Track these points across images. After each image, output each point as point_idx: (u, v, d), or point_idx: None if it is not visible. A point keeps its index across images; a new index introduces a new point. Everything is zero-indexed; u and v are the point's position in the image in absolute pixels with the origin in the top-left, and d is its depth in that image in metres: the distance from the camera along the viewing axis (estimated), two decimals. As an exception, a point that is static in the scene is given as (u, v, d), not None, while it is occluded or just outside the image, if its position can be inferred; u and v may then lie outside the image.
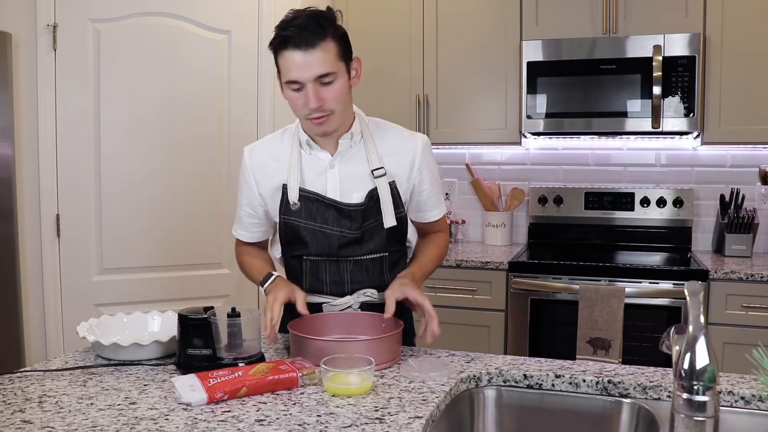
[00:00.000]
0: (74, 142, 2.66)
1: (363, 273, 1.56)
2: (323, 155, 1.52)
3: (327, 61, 1.37)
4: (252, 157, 1.59)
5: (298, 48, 1.35)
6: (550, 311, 2.69)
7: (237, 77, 2.88)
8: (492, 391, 1.31)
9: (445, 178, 3.44)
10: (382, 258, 1.57)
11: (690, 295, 0.94)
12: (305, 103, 1.39)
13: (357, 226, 1.52)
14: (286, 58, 1.37)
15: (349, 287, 1.56)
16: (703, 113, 2.74)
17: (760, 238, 2.97)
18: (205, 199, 2.85)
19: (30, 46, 2.57)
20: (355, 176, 1.52)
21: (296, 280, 1.59)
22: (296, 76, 1.37)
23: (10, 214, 2.51)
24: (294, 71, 1.37)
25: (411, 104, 3.15)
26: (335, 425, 1.04)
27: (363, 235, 1.53)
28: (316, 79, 1.37)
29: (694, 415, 0.91)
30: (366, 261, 1.55)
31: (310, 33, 1.35)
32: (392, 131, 1.58)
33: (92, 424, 1.05)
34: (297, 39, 1.35)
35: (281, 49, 1.38)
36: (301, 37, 1.35)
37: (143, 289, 2.79)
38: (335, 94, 1.40)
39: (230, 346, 1.29)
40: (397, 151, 1.54)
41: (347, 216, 1.50)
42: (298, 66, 1.36)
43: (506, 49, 2.99)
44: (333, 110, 1.42)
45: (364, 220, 1.52)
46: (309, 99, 1.38)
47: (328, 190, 1.52)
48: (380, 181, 1.51)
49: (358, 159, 1.52)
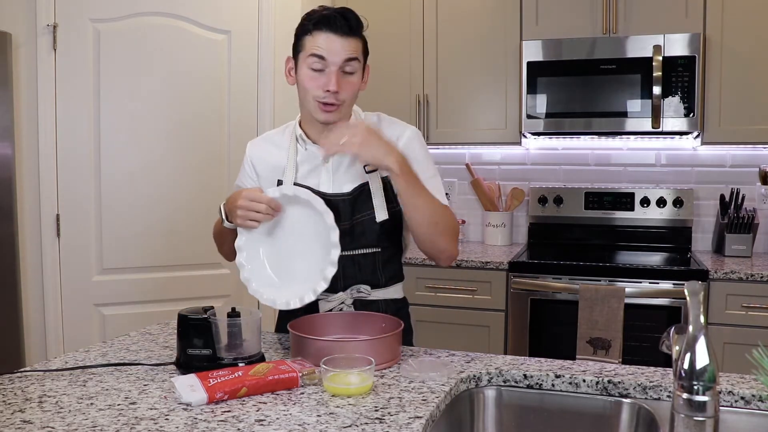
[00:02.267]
0: (74, 142, 2.66)
1: (355, 268, 1.55)
2: (318, 150, 1.52)
3: (357, 50, 1.44)
4: (253, 150, 1.63)
5: (336, 32, 1.40)
6: (550, 311, 2.69)
7: (237, 77, 2.88)
8: (492, 391, 1.30)
9: (445, 178, 3.44)
10: (375, 254, 1.56)
11: (690, 295, 0.93)
12: (324, 84, 1.42)
13: (346, 218, 1.51)
14: (320, 37, 1.41)
15: (342, 283, 1.55)
16: (703, 113, 2.74)
17: (760, 238, 2.97)
18: (205, 199, 2.85)
19: (30, 46, 2.57)
20: (347, 171, 1.53)
21: None
22: (325, 55, 1.41)
23: (10, 214, 2.51)
24: (326, 50, 1.41)
25: (411, 104, 3.15)
26: (335, 425, 1.04)
27: (353, 228, 1.52)
28: (342, 64, 1.41)
29: (694, 415, 0.91)
30: (358, 256, 1.55)
31: (350, 22, 1.42)
32: (385, 125, 1.58)
33: (92, 424, 1.05)
34: (338, 23, 1.40)
35: (318, 28, 1.41)
36: (344, 21, 1.41)
37: (143, 289, 2.79)
38: (352, 86, 1.45)
39: (230, 346, 1.29)
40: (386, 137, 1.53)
41: (335, 208, 1.49)
42: (331, 47, 1.40)
43: (506, 49, 2.99)
44: (344, 101, 1.45)
45: (354, 212, 1.52)
46: (330, 81, 1.41)
47: (321, 185, 1.53)
48: (372, 175, 1.52)
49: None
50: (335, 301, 1.55)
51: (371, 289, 1.57)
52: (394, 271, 1.62)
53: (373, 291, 1.57)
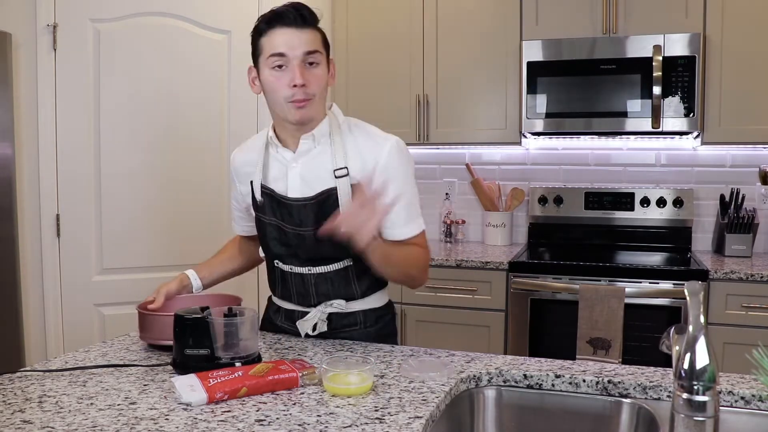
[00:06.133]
0: (74, 142, 2.66)
1: (328, 285, 1.51)
2: (287, 153, 1.50)
3: (316, 41, 1.41)
4: (234, 158, 1.64)
5: (291, 25, 1.38)
6: (550, 311, 2.69)
7: (237, 77, 2.87)
8: (492, 391, 1.30)
9: (445, 178, 3.44)
10: (348, 268, 1.50)
11: (690, 295, 0.93)
12: (290, 81, 1.38)
13: (309, 223, 1.46)
14: (276, 34, 1.39)
15: (315, 299, 1.53)
16: (703, 113, 2.74)
17: (760, 238, 2.97)
18: (204, 199, 2.85)
19: (30, 46, 2.57)
20: (316, 175, 1.46)
21: (272, 283, 1.63)
22: (286, 51, 1.38)
23: (10, 214, 2.51)
24: (284, 46, 1.38)
25: (411, 104, 3.15)
26: (335, 425, 1.04)
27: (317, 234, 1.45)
28: (304, 57, 1.38)
29: (694, 415, 0.91)
30: (330, 273, 1.50)
31: (302, 14, 1.39)
32: (362, 132, 1.50)
33: (92, 424, 1.05)
34: (291, 16, 1.38)
35: (271, 26, 1.39)
36: (298, 13, 1.39)
37: (143, 289, 2.77)
38: (318, 78, 1.41)
39: (227, 346, 1.29)
40: (362, 153, 1.46)
41: (297, 212, 1.47)
42: (288, 41, 1.38)
43: (506, 49, 2.99)
44: (314, 94, 1.41)
45: (318, 218, 1.43)
46: (295, 75, 1.37)
47: (288, 189, 1.49)
48: (341, 181, 1.44)
49: (322, 159, 1.47)
50: (311, 319, 1.53)
51: (347, 302, 1.53)
52: (372, 280, 1.54)
53: (349, 303, 1.54)
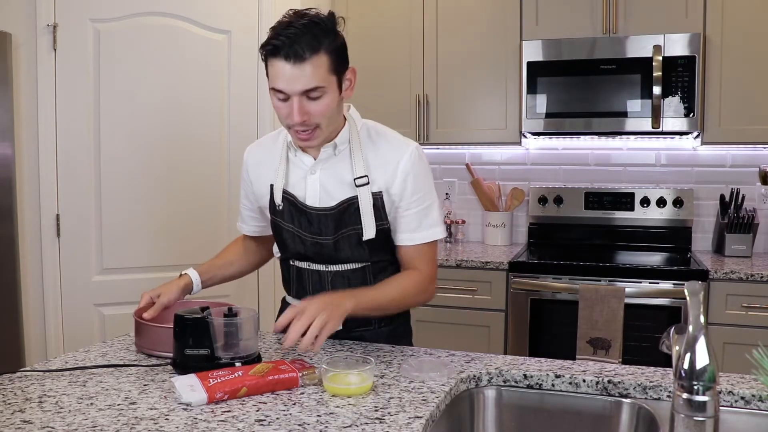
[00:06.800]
0: (74, 142, 2.66)
1: (345, 283, 1.51)
2: (307, 159, 1.49)
3: (316, 76, 1.31)
4: (248, 156, 1.62)
5: (287, 60, 1.29)
6: (550, 311, 2.69)
7: (237, 77, 2.88)
8: (492, 391, 1.30)
9: (445, 178, 3.44)
10: (365, 268, 1.51)
11: (690, 295, 0.93)
12: (289, 115, 1.35)
13: (329, 232, 1.47)
14: (275, 66, 1.31)
15: None
16: (703, 113, 2.74)
17: (760, 238, 2.97)
18: (205, 199, 2.85)
19: (30, 46, 2.57)
20: (336, 184, 1.46)
21: (287, 283, 1.62)
22: (283, 87, 1.32)
23: (10, 214, 2.51)
24: (281, 82, 1.31)
25: (411, 104, 3.15)
26: (335, 425, 1.04)
27: (338, 242, 1.47)
28: (303, 93, 1.32)
29: (694, 415, 0.91)
30: (347, 272, 1.51)
31: (301, 45, 1.28)
32: (383, 140, 1.49)
33: (92, 424, 1.05)
34: (287, 50, 1.28)
35: (270, 57, 1.33)
36: (292, 48, 1.28)
37: (143, 289, 2.76)
38: (322, 108, 1.35)
39: (227, 346, 1.29)
40: (384, 160, 1.46)
41: (317, 221, 1.47)
42: (285, 78, 1.30)
43: (506, 49, 2.99)
44: (318, 124, 1.37)
45: (338, 227, 1.46)
46: (293, 112, 1.33)
47: (307, 195, 1.48)
48: (362, 190, 1.44)
49: (342, 167, 1.46)
50: None
51: None
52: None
53: None
